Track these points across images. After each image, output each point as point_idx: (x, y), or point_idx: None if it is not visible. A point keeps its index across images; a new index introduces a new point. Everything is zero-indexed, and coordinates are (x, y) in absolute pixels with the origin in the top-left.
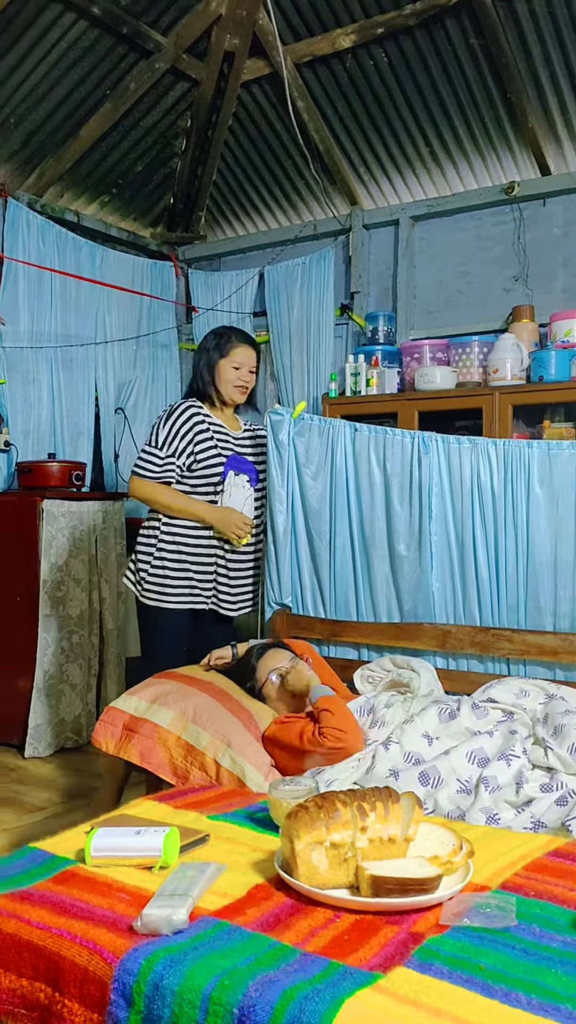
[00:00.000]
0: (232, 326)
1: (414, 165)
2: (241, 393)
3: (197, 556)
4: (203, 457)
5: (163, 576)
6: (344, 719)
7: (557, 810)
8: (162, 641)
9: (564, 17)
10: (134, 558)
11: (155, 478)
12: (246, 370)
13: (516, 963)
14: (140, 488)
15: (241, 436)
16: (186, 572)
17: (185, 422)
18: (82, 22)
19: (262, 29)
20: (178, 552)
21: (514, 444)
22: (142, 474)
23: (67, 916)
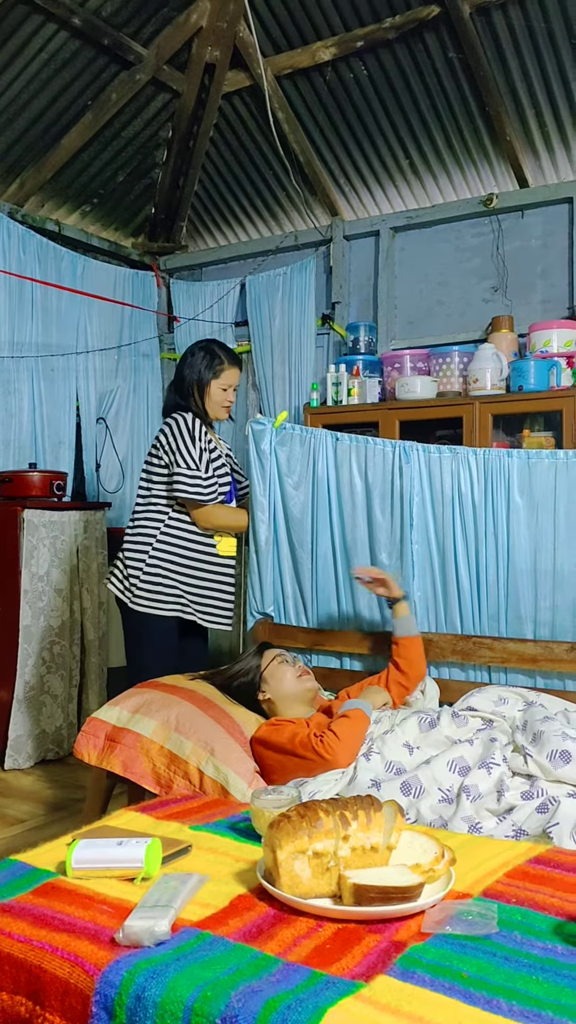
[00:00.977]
0: (219, 343)
1: (394, 177)
2: (226, 411)
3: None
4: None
5: (157, 583)
6: (352, 735)
7: (538, 817)
8: (152, 648)
9: (542, 31)
10: (122, 564)
11: (209, 500)
12: (232, 390)
13: (497, 970)
14: (209, 518)
15: (227, 454)
16: (179, 580)
17: (203, 439)
18: (63, 33)
19: (243, 41)
20: (173, 559)
21: (494, 453)
22: (204, 500)
23: (48, 929)
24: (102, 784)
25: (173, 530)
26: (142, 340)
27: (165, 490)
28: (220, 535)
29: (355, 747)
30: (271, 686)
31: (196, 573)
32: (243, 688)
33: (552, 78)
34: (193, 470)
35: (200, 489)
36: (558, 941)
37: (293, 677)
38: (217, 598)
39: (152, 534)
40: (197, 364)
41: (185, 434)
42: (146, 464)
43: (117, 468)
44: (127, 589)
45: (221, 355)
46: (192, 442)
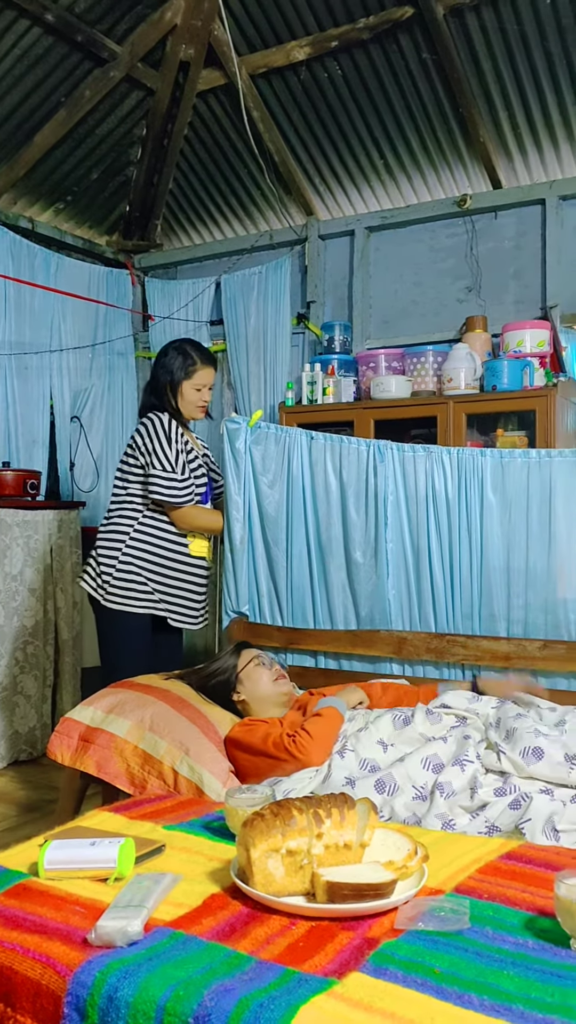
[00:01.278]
0: (192, 343)
1: (368, 177)
2: (202, 411)
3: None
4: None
5: (129, 580)
6: (324, 734)
7: (511, 814)
8: (125, 645)
9: (514, 33)
10: (95, 562)
11: (185, 502)
12: (207, 390)
13: (469, 965)
14: (187, 519)
15: (204, 454)
16: (150, 577)
17: (179, 440)
18: (36, 29)
19: (217, 40)
20: (145, 557)
21: (468, 452)
22: (181, 502)
23: (20, 930)
24: (75, 784)
25: (146, 528)
26: (117, 338)
27: (140, 490)
28: (193, 536)
29: (328, 746)
30: (247, 687)
31: (168, 572)
32: (218, 687)
33: (525, 80)
34: (169, 472)
35: (176, 491)
36: (529, 936)
37: (269, 680)
38: (187, 598)
39: (126, 531)
40: (170, 365)
41: (161, 435)
42: (121, 463)
43: (91, 467)
44: (100, 586)
45: (194, 355)
46: (168, 443)
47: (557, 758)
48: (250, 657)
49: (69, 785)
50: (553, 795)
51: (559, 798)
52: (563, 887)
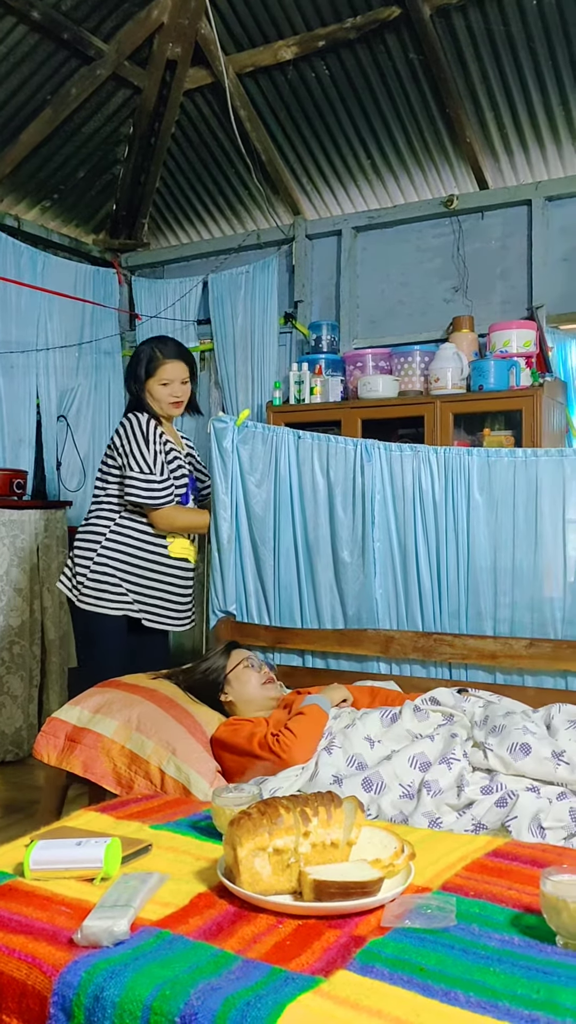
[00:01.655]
0: (160, 339)
1: (356, 177)
2: (176, 407)
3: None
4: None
5: (104, 581)
6: (308, 732)
7: (497, 811)
8: (100, 646)
9: (501, 34)
10: (71, 562)
11: (164, 503)
12: (177, 384)
13: (456, 962)
14: (166, 520)
15: (186, 454)
16: (125, 579)
17: (159, 442)
18: (22, 27)
19: (204, 39)
20: (120, 559)
21: (454, 452)
22: (159, 503)
23: (5, 931)
24: (58, 783)
25: (123, 530)
26: (103, 337)
27: (117, 491)
28: (174, 536)
29: (312, 744)
30: (235, 689)
31: (144, 574)
32: (206, 688)
33: (511, 81)
34: (146, 473)
35: (154, 492)
36: (515, 933)
37: (257, 683)
38: (166, 599)
39: (102, 532)
40: (134, 367)
41: (138, 435)
42: (102, 464)
43: (78, 466)
44: (74, 587)
45: (158, 351)
46: (145, 444)
47: (544, 754)
48: (240, 659)
49: (52, 784)
50: (539, 793)
51: (545, 796)
52: (549, 884)
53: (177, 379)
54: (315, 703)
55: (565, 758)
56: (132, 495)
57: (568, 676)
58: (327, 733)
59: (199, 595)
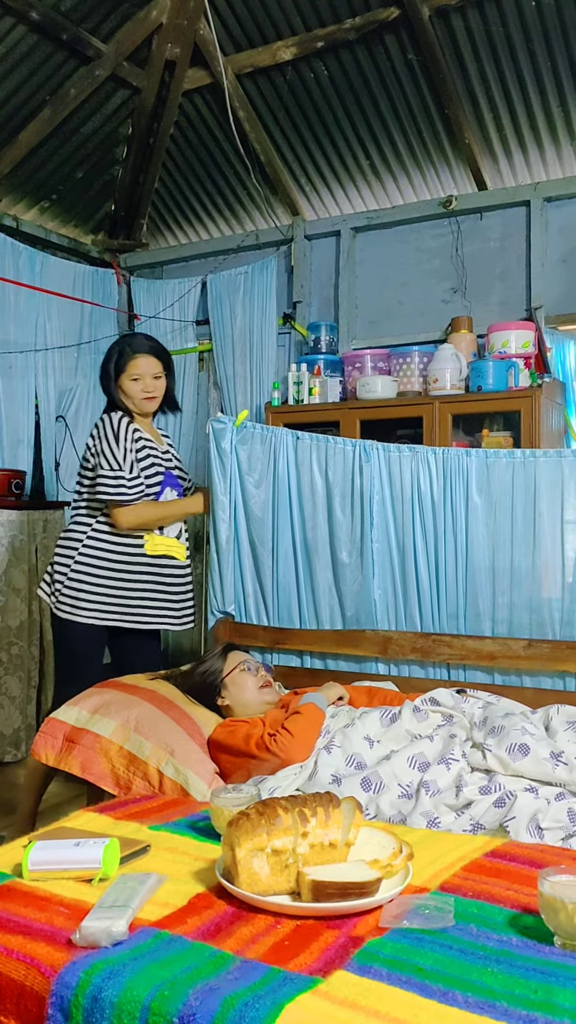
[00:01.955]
0: (130, 335)
1: (354, 177)
2: (150, 402)
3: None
4: (146, 475)
5: (80, 589)
6: (305, 730)
7: (495, 812)
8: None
9: (500, 35)
10: (51, 568)
11: (133, 500)
12: (149, 379)
13: (453, 963)
14: (130, 516)
15: (164, 450)
16: (108, 586)
17: (131, 439)
18: (21, 27)
19: (203, 39)
20: (100, 564)
21: (453, 453)
22: (125, 501)
23: (3, 931)
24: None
25: (100, 534)
26: (102, 338)
27: (91, 494)
28: (149, 535)
29: (309, 742)
30: (231, 693)
31: (126, 576)
32: (204, 690)
33: (509, 82)
34: (116, 470)
35: (124, 489)
36: (513, 933)
37: (254, 687)
38: (151, 599)
39: (79, 539)
40: (105, 366)
41: (109, 434)
42: (79, 469)
43: (77, 467)
44: (52, 594)
45: (127, 347)
46: (115, 442)
47: (542, 754)
48: (237, 662)
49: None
50: (537, 793)
51: (543, 796)
52: (547, 884)
53: (148, 374)
54: (311, 701)
55: (563, 759)
56: (101, 493)
57: (566, 677)
58: (325, 731)
59: (198, 595)
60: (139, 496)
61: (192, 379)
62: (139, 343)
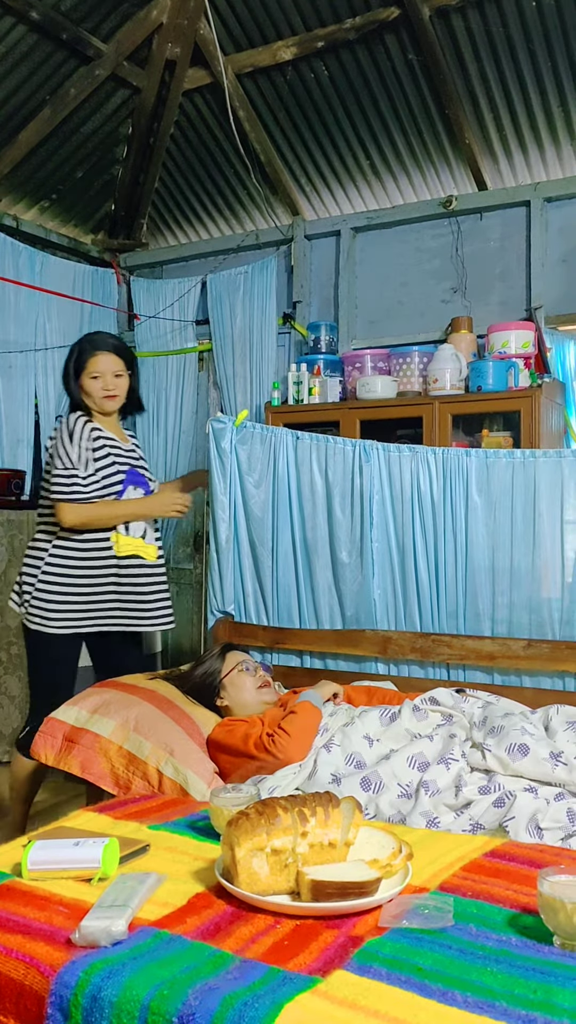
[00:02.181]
0: (91, 334)
1: (355, 177)
2: (111, 401)
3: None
4: (104, 474)
5: (48, 599)
6: (302, 730)
7: (495, 811)
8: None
9: (500, 36)
10: (19, 579)
11: (87, 498)
12: (109, 377)
13: (453, 962)
14: (76, 513)
15: (129, 448)
16: (76, 593)
17: (86, 438)
18: (21, 26)
19: (203, 39)
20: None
21: (453, 453)
22: (74, 498)
23: (2, 931)
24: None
25: (66, 541)
26: None
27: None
28: (116, 534)
29: (307, 741)
30: (230, 693)
31: (95, 579)
32: (203, 690)
33: (510, 82)
34: (69, 468)
35: (78, 488)
36: (512, 933)
37: (253, 688)
38: (124, 602)
39: (44, 547)
40: (65, 366)
41: (64, 434)
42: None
43: None
44: (22, 604)
45: (87, 345)
46: (70, 440)
47: (542, 755)
48: (235, 662)
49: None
50: (537, 793)
51: (543, 796)
52: (546, 884)
53: (109, 371)
54: (307, 700)
55: (563, 759)
56: (53, 491)
57: (566, 677)
58: (324, 729)
59: (198, 595)
60: (94, 495)
61: (192, 379)
62: (100, 340)
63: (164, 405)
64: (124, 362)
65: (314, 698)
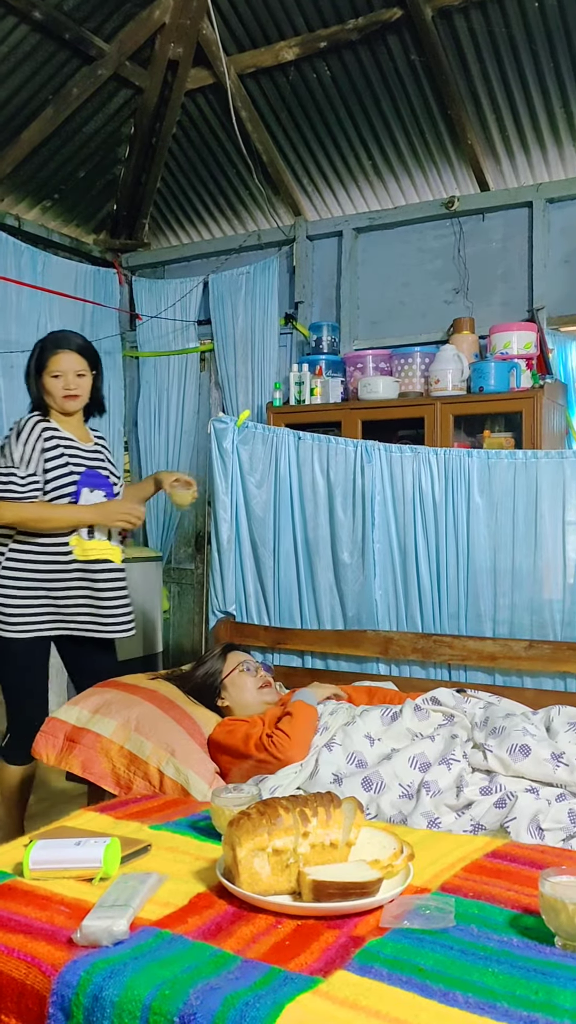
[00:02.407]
0: (53, 333)
1: (357, 178)
2: (72, 401)
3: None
4: (55, 476)
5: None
6: (301, 729)
7: (496, 812)
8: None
9: (502, 36)
10: None
11: (22, 497)
12: (71, 376)
13: (454, 963)
14: (11, 511)
15: (92, 449)
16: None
17: (36, 438)
18: (24, 26)
19: (206, 39)
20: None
21: (455, 453)
22: (6, 496)
23: (4, 930)
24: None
25: (23, 545)
26: (104, 338)
27: None
28: (77, 538)
29: (306, 740)
30: (231, 694)
31: (52, 584)
32: (204, 691)
33: (512, 83)
34: (8, 467)
35: (14, 486)
36: (514, 934)
37: (254, 688)
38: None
39: (1, 551)
40: (27, 366)
41: (13, 432)
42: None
43: None
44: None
45: (48, 345)
46: (16, 438)
47: (543, 755)
48: (236, 662)
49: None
50: (538, 794)
51: (544, 797)
52: (547, 885)
53: (70, 371)
54: (301, 699)
55: (564, 760)
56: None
57: (567, 678)
58: (323, 728)
59: (199, 595)
60: (32, 494)
61: (193, 379)
62: (62, 339)
63: (166, 405)
64: (87, 362)
65: (308, 696)
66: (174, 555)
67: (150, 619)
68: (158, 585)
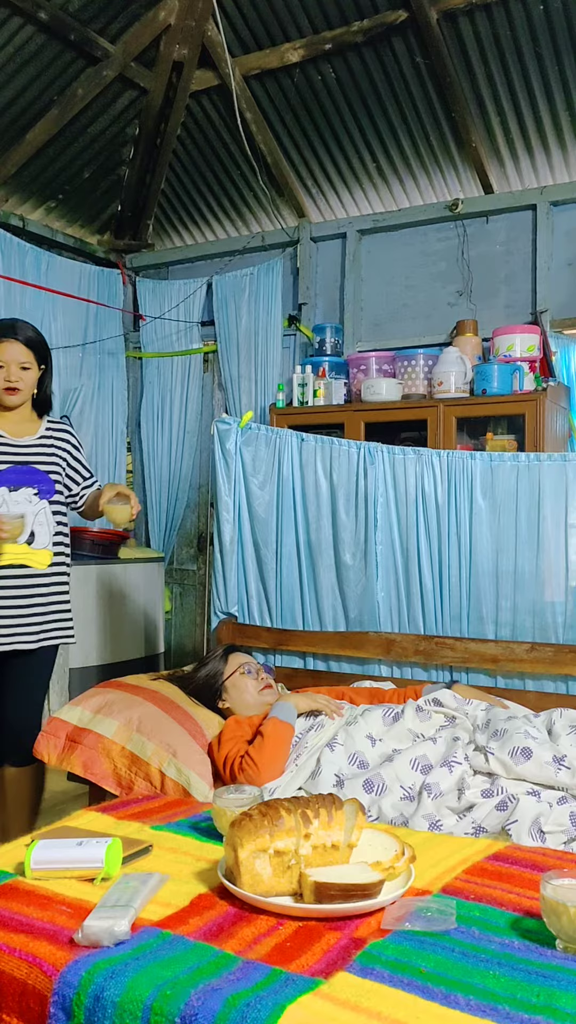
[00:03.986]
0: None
1: (361, 180)
2: (10, 394)
3: None
4: None
5: None
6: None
7: (497, 815)
8: None
9: (507, 39)
10: None
11: None
12: (13, 367)
13: (455, 965)
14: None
15: (31, 444)
16: None
17: None
18: (29, 27)
19: (211, 41)
20: None
21: (457, 456)
22: None
23: (5, 930)
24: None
25: None
26: (107, 338)
27: None
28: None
29: (277, 764)
30: (232, 696)
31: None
32: (205, 692)
33: (516, 86)
34: None
35: None
36: (515, 936)
37: (255, 691)
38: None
39: None
40: None
41: None
42: None
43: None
44: None
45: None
46: None
47: (545, 758)
48: (237, 664)
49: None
50: (540, 797)
51: (545, 800)
52: (549, 888)
53: (13, 362)
54: (275, 715)
55: (566, 763)
56: None
57: (569, 680)
58: (320, 726)
59: (200, 596)
60: None
61: (197, 380)
62: (9, 328)
63: (169, 406)
64: (35, 355)
65: (285, 712)
66: (176, 556)
67: (152, 620)
68: (160, 586)
